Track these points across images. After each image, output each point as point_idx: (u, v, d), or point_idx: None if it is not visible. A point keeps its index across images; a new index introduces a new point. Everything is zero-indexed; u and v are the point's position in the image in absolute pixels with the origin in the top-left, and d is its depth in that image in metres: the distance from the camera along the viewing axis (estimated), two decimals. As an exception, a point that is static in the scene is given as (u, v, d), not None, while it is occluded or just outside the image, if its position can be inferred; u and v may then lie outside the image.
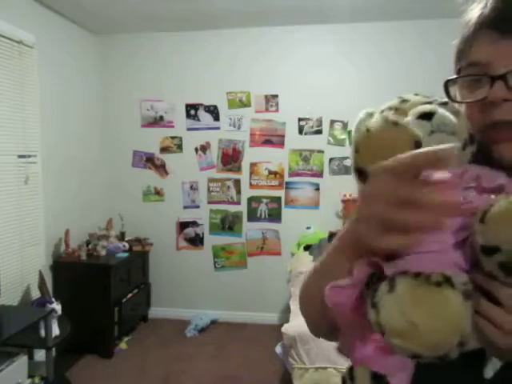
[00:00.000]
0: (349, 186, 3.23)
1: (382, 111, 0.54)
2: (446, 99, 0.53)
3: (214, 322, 3.67)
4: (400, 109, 0.52)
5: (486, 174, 0.48)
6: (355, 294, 0.47)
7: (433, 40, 3.27)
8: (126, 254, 3.33)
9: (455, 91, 0.55)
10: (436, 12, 3.13)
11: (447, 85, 0.54)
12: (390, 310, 0.40)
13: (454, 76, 0.54)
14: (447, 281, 0.39)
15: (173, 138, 3.73)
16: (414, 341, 0.39)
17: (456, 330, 0.38)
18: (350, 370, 0.53)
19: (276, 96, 3.59)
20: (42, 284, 2.63)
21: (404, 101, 0.53)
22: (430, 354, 0.39)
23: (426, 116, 0.48)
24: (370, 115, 0.56)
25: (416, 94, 0.55)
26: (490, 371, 0.47)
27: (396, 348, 0.40)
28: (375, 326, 0.41)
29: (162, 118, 3.73)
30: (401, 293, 0.40)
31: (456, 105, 0.53)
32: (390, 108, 0.53)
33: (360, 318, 0.47)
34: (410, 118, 0.49)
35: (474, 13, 0.52)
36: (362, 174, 0.47)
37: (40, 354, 2.75)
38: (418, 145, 0.44)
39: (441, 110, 0.49)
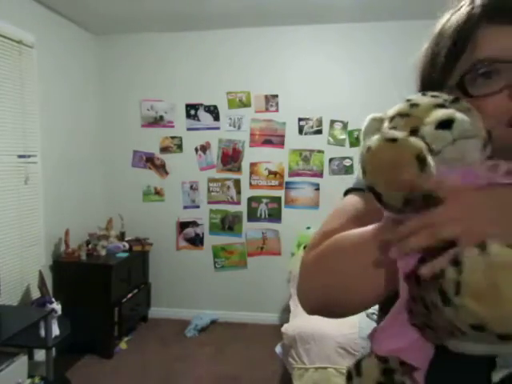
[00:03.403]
0: (349, 186, 3.22)
1: (392, 118, 0.52)
2: (452, 96, 0.52)
3: (213, 322, 3.67)
4: (411, 115, 0.51)
5: None
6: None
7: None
8: (125, 254, 3.32)
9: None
10: (436, 12, 3.13)
11: (463, 81, 0.52)
12: (477, 269, 0.39)
13: (468, 70, 0.52)
14: None
15: (173, 138, 3.73)
16: (491, 306, 0.38)
17: None
18: (358, 364, 0.53)
19: (276, 96, 3.59)
20: (41, 284, 2.63)
21: (414, 105, 0.51)
22: (496, 327, 0.38)
23: (446, 124, 0.47)
24: (379, 121, 0.54)
25: (423, 94, 0.53)
26: (497, 376, 0.47)
27: (464, 311, 0.39)
28: (449, 284, 0.40)
29: (162, 117, 3.73)
30: (494, 254, 0.39)
31: (465, 101, 0.51)
32: (401, 114, 0.51)
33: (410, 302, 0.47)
34: (427, 129, 0.48)
35: (463, 11, 0.52)
36: (374, 192, 0.46)
37: (40, 354, 2.75)
38: (420, 157, 0.43)
39: (459, 115, 0.48)
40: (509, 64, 0.48)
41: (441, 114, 0.48)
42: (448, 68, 0.55)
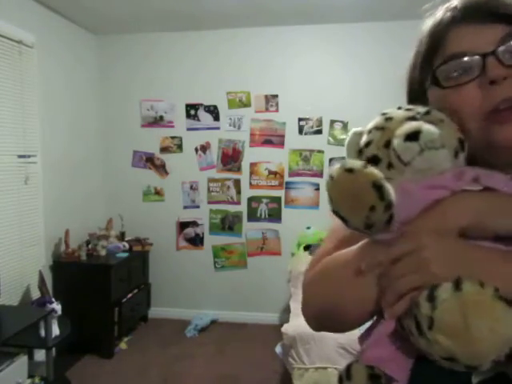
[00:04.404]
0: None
1: (370, 131, 0.56)
2: (427, 107, 0.55)
3: (213, 322, 3.67)
4: (386, 128, 0.54)
5: (483, 173, 0.49)
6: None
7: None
8: (125, 254, 3.32)
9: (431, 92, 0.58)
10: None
11: (435, 73, 0.56)
12: (450, 307, 0.40)
13: (440, 64, 0.55)
14: None
15: (173, 138, 3.73)
16: (461, 343, 0.39)
17: (503, 348, 0.39)
18: (348, 368, 0.54)
19: (276, 96, 3.59)
20: (41, 284, 2.63)
21: (388, 118, 0.55)
22: (466, 361, 0.40)
23: (413, 136, 0.49)
24: (360, 135, 0.58)
25: (399, 108, 0.56)
26: (476, 379, 0.48)
27: (436, 345, 0.40)
28: (423, 318, 0.42)
29: (162, 117, 3.73)
30: (466, 293, 0.40)
31: (438, 112, 0.54)
32: (377, 128, 0.55)
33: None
34: (397, 141, 0.50)
35: (438, 15, 0.57)
36: (339, 216, 0.49)
37: (40, 354, 2.74)
38: (376, 184, 0.46)
39: (426, 127, 0.50)
40: (478, 58, 0.51)
41: (409, 126, 0.51)
42: (425, 66, 0.58)
